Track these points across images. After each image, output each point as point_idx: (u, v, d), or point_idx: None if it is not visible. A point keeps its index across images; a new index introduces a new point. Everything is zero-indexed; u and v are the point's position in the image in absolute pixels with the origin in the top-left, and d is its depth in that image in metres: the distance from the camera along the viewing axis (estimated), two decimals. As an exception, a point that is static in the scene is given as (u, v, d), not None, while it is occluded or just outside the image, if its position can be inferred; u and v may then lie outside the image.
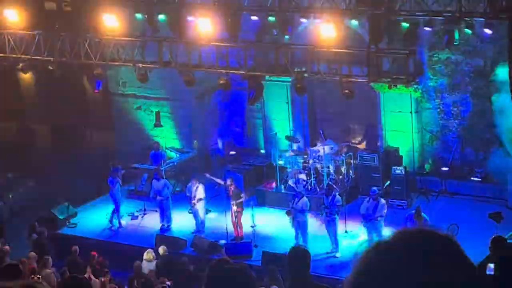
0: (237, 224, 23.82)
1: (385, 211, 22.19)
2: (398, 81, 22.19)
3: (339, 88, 22.56)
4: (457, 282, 2.45)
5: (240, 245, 23.06)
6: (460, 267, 2.49)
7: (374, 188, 23.03)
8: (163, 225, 25.13)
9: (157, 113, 29.71)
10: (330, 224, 22.55)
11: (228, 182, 24.01)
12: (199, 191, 24.22)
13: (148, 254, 21.48)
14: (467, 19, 21.02)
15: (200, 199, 24.21)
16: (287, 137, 27.68)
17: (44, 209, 26.60)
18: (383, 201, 22.42)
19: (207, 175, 25.06)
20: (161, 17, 23.94)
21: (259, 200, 25.82)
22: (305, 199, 22.77)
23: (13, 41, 25.57)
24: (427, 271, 2.43)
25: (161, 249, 21.70)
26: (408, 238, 2.54)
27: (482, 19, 21.15)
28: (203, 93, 29.09)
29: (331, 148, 26.05)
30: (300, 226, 22.74)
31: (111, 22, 24.23)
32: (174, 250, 22.31)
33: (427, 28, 22.30)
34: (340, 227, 22.98)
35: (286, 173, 26.23)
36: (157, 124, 29.73)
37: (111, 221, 25.51)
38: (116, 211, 25.52)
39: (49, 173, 30.47)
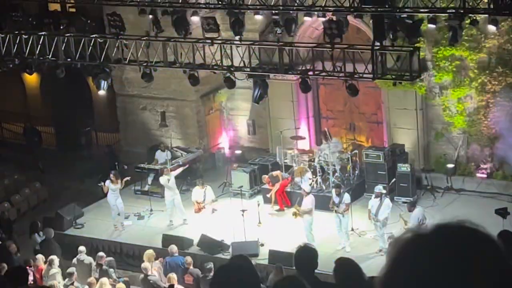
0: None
1: (389, 211, 22.25)
2: (403, 78, 22.17)
3: (343, 86, 22.55)
4: (493, 283, 2.35)
5: (247, 244, 23.06)
6: (498, 268, 2.39)
7: (379, 186, 23.05)
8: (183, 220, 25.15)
9: (162, 113, 29.72)
10: (341, 222, 22.64)
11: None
12: (209, 193, 24.57)
13: (147, 255, 21.31)
14: (471, 15, 21.02)
15: (213, 201, 24.83)
16: (293, 136, 27.63)
17: (51, 210, 26.64)
18: (387, 201, 22.47)
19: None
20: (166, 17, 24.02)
21: (265, 199, 25.82)
22: (310, 197, 22.84)
23: (18, 42, 25.54)
24: (464, 269, 2.35)
25: (172, 247, 21.69)
26: (447, 233, 2.45)
27: (486, 15, 21.15)
28: (208, 92, 29.10)
29: (337, 146, 26.02)
30: (304, 224, 22.84)
31: (116, 22, 24.25)
32: (181, 249, 22.32)
33: (431, 25, 22.28)
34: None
35: (292, 172, 26.20)
36: (163, 124, 29.74)
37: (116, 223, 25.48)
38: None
39: (55, 174, 30.49)
